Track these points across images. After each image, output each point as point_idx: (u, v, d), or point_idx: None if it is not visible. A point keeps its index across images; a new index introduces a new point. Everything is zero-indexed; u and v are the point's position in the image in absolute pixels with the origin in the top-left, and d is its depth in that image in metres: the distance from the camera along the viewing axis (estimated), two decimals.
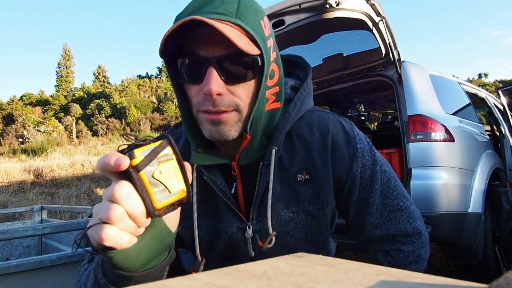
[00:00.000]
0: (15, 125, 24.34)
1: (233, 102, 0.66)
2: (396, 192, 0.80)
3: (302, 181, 0.76)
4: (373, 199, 0.79)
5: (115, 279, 0.51)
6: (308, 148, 0.77)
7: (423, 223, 0.85)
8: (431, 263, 3.34)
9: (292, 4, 2.38)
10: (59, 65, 37.00)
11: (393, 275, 0.34)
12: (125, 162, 0.44)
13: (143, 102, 29.65)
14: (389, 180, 0.80)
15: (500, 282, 0.25)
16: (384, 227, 0.80)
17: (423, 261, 0.82)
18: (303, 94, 0.79)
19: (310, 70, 0.83)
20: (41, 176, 9.57)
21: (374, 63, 2.90)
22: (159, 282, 0.33)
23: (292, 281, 0.33)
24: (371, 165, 0.79)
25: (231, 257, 0.78)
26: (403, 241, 0.80)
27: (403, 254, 0.80)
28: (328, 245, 0.85)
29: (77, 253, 1.16)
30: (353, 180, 0.78)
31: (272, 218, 0.74)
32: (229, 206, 0.75)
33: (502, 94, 3.68)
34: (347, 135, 0.79)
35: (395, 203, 0.80)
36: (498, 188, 2.66)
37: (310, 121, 0.79)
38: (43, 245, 2.59)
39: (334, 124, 0.79)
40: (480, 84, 29.67)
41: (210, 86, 0.62)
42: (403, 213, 0.80)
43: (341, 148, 0.77)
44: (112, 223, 0.44)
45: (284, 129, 0.74)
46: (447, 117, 2.58)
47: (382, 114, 6.01)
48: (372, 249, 0.84)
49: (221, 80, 0.64)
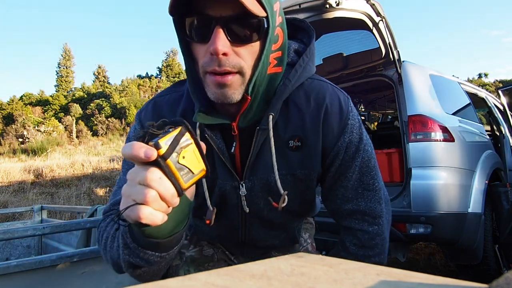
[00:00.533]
0: (15, 125, 24.34)
1: (238, 63, 0.67)
2: (374, 172, 0.85)
3: (294, 148, 0.79)
4: (351, 174, 0.83)
5: (145, 244, 0.60)
6: (302, 117, 0.79)
7: (388, 209, 0.89)
8: (431, 263, 3.34)
9: (292, 4, 2.37)
10: (59, 65, 36.98)
11: (393, 275, 0.34)
12: (154, 154, 0.50)
13: (143, 102, 29.61)
14: (369, 160, 0.84)
15: (500, 282, 0.25)
16: (356, 203, 0.84)
17: (385, 248, 0.87)
18: (305, 61, 0.80)
19: (314, 34, 0.84)
20: (41, 176, 9.57)
21: (374, 63, 2.90)
22: (159, 282, 0.33)
23: (292, 281, 0.33)
24: (357, 143, 0.82)
25: (226, 212, 0.84)
26: (370, 221, 0.85)
27: (369, 235, 0.84)
28: (314, 201, 0.91)
29: (77, 252, 1.16)
30: (337, 153, 0.81)
31: (263, 178, 0.80)
32: (225, 165, 0.79)
33: (502, 94, 3.68)
34: (341, 109, 0.81)
35: (371, 183, 0.84)
36: (498, 188, 2.66)
37: (308, 90, 0.81)
38: (43, 245, 2.59)
39: (332, 97, 0.81)
40: (480, 84, 29.66)
41: (216, 45, 0.63)
42: (376, 194, 0.85)
43: (332, 120, 0.80)
44: (147, 204, 0.52)
45: (283, 97, 0.76)
46: (447, 117, 2.58)
47: (382, 114, 6.01)
48: (339, 223, 0.90)
49: (227, 40, 0.65)
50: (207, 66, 0.67)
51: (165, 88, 0.90)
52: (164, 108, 0.83)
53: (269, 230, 0.91)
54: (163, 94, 0.87)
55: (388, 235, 0.88)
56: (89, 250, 1.19)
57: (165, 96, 0.86)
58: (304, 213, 0.95)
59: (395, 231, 2.39)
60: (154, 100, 0.86)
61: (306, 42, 0.84)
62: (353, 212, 0.85)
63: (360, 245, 0.85)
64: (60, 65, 36.99)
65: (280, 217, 0.88)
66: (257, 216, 0.86)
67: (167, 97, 0.85)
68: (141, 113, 0.85)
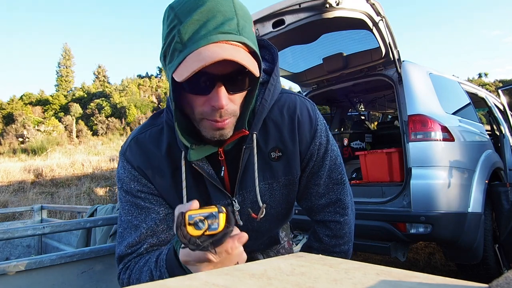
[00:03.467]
0: (15, 125, 24.32)
1: (234, 110, 0.74)
2: (341, 168, 0.96)
3: (276, 158, 0.88)
4: (322, 172, 0.93)
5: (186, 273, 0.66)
6: (279, 129, 0.88)
7: (352, 202, 1.02)
8: (431, 263, 3.34)
9: (292, 4, 2.37)
10: (59, 64, 36.95)
11: (393, 274, 0.34)
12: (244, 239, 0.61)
13: (143, 101, 29.63)
14: (336, 158, 0.95)
15: (500, 282, 0.25)
16: (328, 196, 0.96)
17: (352, 236, 1.01)
18: (275, 80, 0.86)
19: (277, 52, 0.89)
20: (41, 176, 9.57)
21: (374, 62, 2.90)
22: (159, 281, 0.33)
23: (292, 280, 0.33)
24: (325, 144, 0.92)
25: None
26: (341, 212, 0.96)
27: (340, 225, 0.97)
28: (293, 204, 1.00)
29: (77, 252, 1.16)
30: (310, 156, 0.91)
31: (251, 190, 0.86)
32: (216, 187, 0.85)
33: (502, 94, 3.67)
34: (310, 117, 0.90)
35: (339, 177, 0.96)
36: (498, 188, 2.66)
37: (280, 105, 0.89)
38: (43, 244, 2.59)
39: (301, 107, 0.90)
40: (480, 83, 29.65)
41: (221, 102, 0.69)
42: (344, 187, 0.97)
43: (304, 128, 0.89)
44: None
45: (263, 115, 0.83)
46: (447, 117, 2.58)
47: (382, 114, 6.01)
48: (313, 218, 1.01)
49: (227, 94, 0.70)
50: (207, 115, 0.72)
51: (142, 124, 0.93)
52: (148, 145, 0.86)
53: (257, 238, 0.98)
54: (142, 130, 0.89)
55: (353, 225, 1.02)
56: (89, 250, 1.19)
57: (146, 132, 0.88)
58: (289, 216, 1.03)
59: (395, 230, 2.39)
60: (136, 137, 0.88)
61: (269, 60, 0.89)
62: (326, 205, 0.96)
63: (332, 235, 0.97)
64: (60, 64, 36.97)
65: (267, 224, 0.95)
66: (247, 227, 0.91)
67: (148, 133, 0.88)
68: (125, 153, 0.87)
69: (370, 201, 2.64)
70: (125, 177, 0.85)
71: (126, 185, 0.84)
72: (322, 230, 0.99)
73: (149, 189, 0.84)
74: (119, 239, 0.85)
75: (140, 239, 0.82)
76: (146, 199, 0.84)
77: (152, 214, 0.83)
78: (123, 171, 0.86)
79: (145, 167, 0.84)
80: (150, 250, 0.82)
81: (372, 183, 2.99)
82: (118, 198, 0.88)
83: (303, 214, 1.23)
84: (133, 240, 0.82)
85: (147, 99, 31.22)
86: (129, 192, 0.84)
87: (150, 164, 0.84)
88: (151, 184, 0.84)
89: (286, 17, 2.48)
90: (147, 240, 0.82)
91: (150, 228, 0.82)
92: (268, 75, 0.86)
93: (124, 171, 0.86)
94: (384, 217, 2.46)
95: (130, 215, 0.84)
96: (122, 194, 0.85)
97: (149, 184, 0.84)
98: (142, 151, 0.85)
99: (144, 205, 0.84)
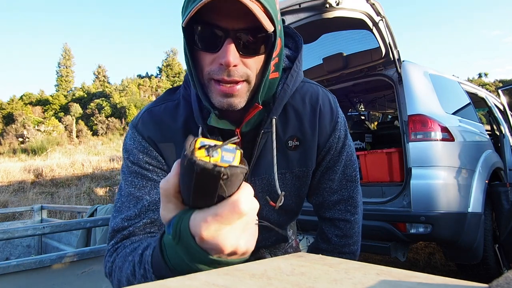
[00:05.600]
0: (15, 125, 24.33)
1: (245, 73, 0.69)
2: (355, 165, 0.94)
3: (293, 147, 0.85)
4: (337, 167, 0.91)
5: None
6: (300, 118, 0.85)
7: (361, 202, 0.99)
8: (431, 262, 3.34)
9: (292, 4, 2.37)
10: (59, 64, 36.96)
11: (393, 274, 0.34)
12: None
13: (143, 101, 29.62)
14: (352, 154, 0.93)
15: (500, 282, 0.25)
16: (340, 193, 0.93)
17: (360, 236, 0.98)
18: (298, 67, 0.84)
19: (301, 41, 0.87)
20: (41, 176, 9.57)
21: (374, 62, 2.90)
22: (159, 281, 0.33)
23: (292, 280, 0.33)
24: (343, 139, 0.90)
25: None
26: (352, 211, 0.94)
27: (350, 224, 0.94)
28: (303, 200, 0.95)
29: (77, 252, 1.16)
30: (328, 149, 0.88)
31: (264, 177, 0.82)
32: None
33: (502, 94, 3.68)
34: (332, 109, 0.88)
35: (353, 175, 0.94)
36: (498, 188, 2.66)
37: (302, 93, 0.86)
38: (43, 244, 2.59)
39: (323, 98, 0.88)
40: (480, 83, 29.65)
41: (228, 58, 0.65)
42: (357, 185, 0.95)
43: (325, 120, 0.87)
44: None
45: (284, 101, 0.80)
46: (447, 117, 2.58)
47: (382, 114, 6.01)
48: (323, 215, 0.96)
49: (237, 52, 0.67)
50: (215, 74, 0.68)
51: (157, 98, 0.89)
52: (163, 117, 0.81)
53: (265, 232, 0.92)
54: (157, 103, 0.85)
55: (361, 226, 0.99)
56: (89, 249, 1.19)
57: (161, 106, 0.84)
58: (298, 211, 0.97)
59: (395, 230, 2.39)
60: (150, 109, 0.84)
61: (293, 48, 0.87)
62: (338, 202, 0.94)
63: (342, 234, 0.94)
64: (60, 64, 36.98)
65: (277, 217, 0.90)
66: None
67: (163, 106, 0.84)
68: (137, 125, 0.81)
69: (370, 201, 2.64)
70: (134, 148, 0.79)
71: (134, 156, 0.78)
72: (331, 229, 0.95)
73: (158, 163, 0.79)
74: (116, 213, 0.75)
75: (140, 212, 0.73)
76: (153, 171, 0.78)
77: (158, 188, 0.75)
78: (132, 142, 0.80)
79: (157, 139, 0.79)
80: (149, 227, 0.73)
81: (372, 183, 2.99)
82: (121, 170, 0.81)
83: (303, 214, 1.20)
84: (132, 213, 0.73)
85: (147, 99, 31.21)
86: (136, 163, 0.78)
87: (163, 136, 0.79)
88: (161, 158, 0.79)
89: (286, 17, 2.48)
90: (148, 215, 0.73)
91: (153, 202, 0.74)
92: (291, 62, 0.84)
93: (134, 142, 0.80)
94: (384, 217, 2.46)
95: (133, 187, 0.76)
96: (128, 164, 0.79)
97: (159, 157, 0.79)
98: (155, 123, 0.81)
99: (151, 177, 0.77)
